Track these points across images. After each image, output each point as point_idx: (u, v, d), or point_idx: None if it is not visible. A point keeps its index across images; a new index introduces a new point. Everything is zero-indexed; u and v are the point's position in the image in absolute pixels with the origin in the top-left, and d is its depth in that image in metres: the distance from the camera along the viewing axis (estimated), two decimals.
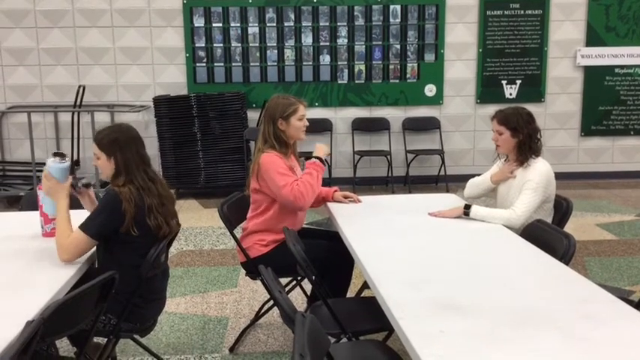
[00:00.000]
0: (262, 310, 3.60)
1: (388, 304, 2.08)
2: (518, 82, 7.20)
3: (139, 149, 2.65)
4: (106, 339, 2.65)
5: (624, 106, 7.34)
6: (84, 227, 2.50)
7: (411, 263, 2.54)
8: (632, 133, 7.34)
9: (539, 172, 3.15)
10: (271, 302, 3.42)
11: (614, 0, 7.09)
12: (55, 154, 2.70)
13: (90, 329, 2.36)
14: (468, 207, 3.14)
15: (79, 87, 6.73)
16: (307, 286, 3.39)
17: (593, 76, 7.20)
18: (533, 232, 2.86)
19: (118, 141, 2.61)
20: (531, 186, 3.11)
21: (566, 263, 2.50)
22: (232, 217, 3.33)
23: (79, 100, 6.70)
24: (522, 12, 7.08)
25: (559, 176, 6.60)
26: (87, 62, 6.95)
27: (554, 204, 3.30)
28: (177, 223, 2.75)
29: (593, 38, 7.15)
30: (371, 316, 2.58)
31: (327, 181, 7.07)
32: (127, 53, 6.96)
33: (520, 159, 3.23)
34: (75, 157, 6.83)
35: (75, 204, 3.00)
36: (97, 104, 6.90)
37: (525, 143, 3.20)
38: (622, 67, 7.24)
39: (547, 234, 2.77)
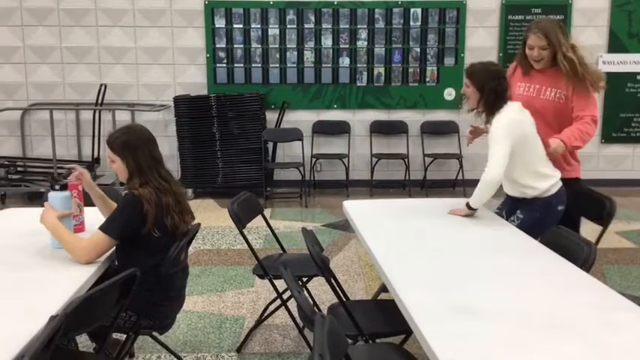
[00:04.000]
0: (268, 311, 3.63)
1: (407, 307, 2.09)
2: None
3: (151, 150, 2.65)
4: (125, 335, 2.68)
5: None
6: (105, 229, 2.52)
7: (429, 266, 2.54)
8: None
9: (496, 123, 3.17)
10: (277, 302, 3.45)
11: (637, 6, 7.03)
12: (55, 184, 2.70)
13: (110, 325, 2.39)
14: (468, 204, 3.23)
15: (101, 85, 6.80)
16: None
17: (615, 82, 7.12)
18: (554, 239, 2.84)
19: (130, 144, 2.62)
20: (492, 138, 3.20)
21: (587, 270, 2.48)
22: (242, 216, 3.35)
23: (100, 98, 6.77)
24: (544, 17, 7.03)
25: None
26: (109, 61, 7.02)
27: (596, 201, 3.30)
28: (192, 217, 2.77)
29: (616, 44, 7.09)
30: (388, 319, 2.58)
31: (344, 184, 7.10)
32: (149, 53, 7.02)
33: (485, 113, 3.25)
34: (95, 155, 6.90)
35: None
36: (118, 103, 6.97)
37: (489, 99, 3.17)
38: None
39: (567, 241, 2.75)
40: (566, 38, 3.34)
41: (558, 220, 3.17)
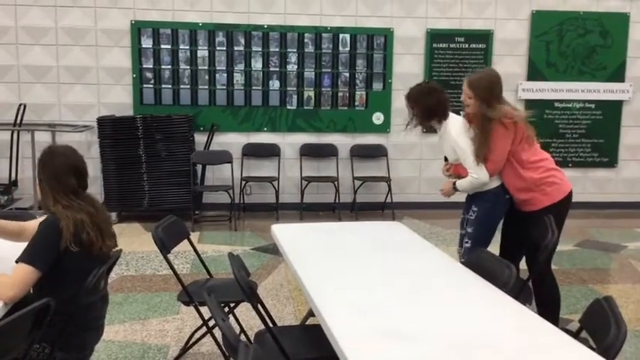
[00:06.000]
0: (193, 339, 3.52)
1: (333, 332, 2.07)
2: (463, 113, 7.36)
3: (57, 175, 2.55)
4: None
5: (563, 139, 7.61)
6: (28, 259, 2.36)
7: (357, 291, 2.53)
8: (570, 165, 7.60)
9: (452, 137, 3.63)
10: (203, 330, 3.36)
11: (554, 37, 7.39)
12: None
13: (22, 359, 2.24)
14: (454, 183, 3.69)
15: (20, 105, 6.52)
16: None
17: (534, 109, 7.38)
18: (477, 262, 2.90)
19: (44, 163, 2.57)
20: (461, 149, 3.58)
21: (508, 292, 2.54)
22: (167, 241, 3.25)
23: (19, 118, 6.49)
24: (467, 45, 7.30)
25: None
26: (29, 80, 6.76)
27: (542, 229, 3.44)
28: (114, 243, 2.66)
29: (534, 73, 7.42)
30: (316, 345, 2.55)
31: (274, 207, 7.06)
32: (72, 72, 6.80)
33: (435, 123, 3.74)
34: (13, 178, 6.58)
35: None
36: (38, 123, 6.70)
37: (432, 110, 3.67)
38: (561, 101, 7.53)
39: (490, 264, 2.82)
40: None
41: (508, 207, 3.67)
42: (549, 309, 3.59)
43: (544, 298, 3.66)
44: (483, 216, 3.64)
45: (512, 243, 3.73)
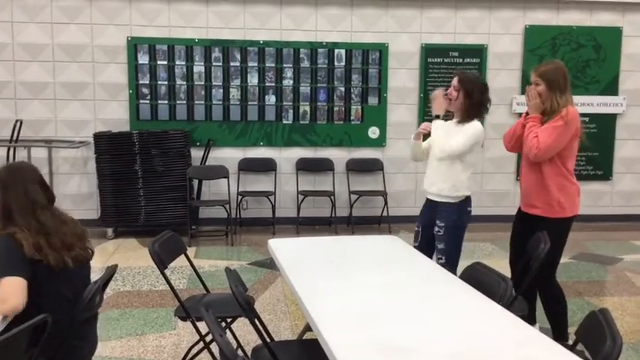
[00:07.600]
0: (190, 354, 3.51)
1: (330, 346, 2.07)
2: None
3: (28, 192, 2.50)
4: None
5: None
6: (8, 272, 2.35)
7: (354, 305, 2.54)
8: None
9: (472, 126, 3.69)
10: (200, 345, 3.35)
11: (548, 51, 7.46)
12: None
13: None
14: (437, 117, 3.83)
15: (16, 121, 6.54)
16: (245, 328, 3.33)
17: None
18: (473, 275, 2.91)
19: (2, 181, 2.50)
20: (465, 133, 3.66)
21: (504, 305, 2.55)
22: (164, 256, 3.25)
23: (15, 134, 6.50)
24: (461, 60, 7.35)
25: (496, 218, 6.73)
26: (25, 96, 6.78)
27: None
28: (83, 252, 2.60)
29: None
30: (313, 359, 2.55)
31: (271, 221, 7.06)
32: (68, 88, 6.82)
33: (464, 117, 3.75)
34: None
35: None
36: (35, 139, 6.71)
37: (474, 106, 3.72)
38: None
39: (486, 277, 2.83)
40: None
41: (470, 219, 3.79)
42: (559, 320, 3.65)
43: (552, 312, 3.71)
44: (452, 228, 3.69)
45: (521, 250, 3.73)
